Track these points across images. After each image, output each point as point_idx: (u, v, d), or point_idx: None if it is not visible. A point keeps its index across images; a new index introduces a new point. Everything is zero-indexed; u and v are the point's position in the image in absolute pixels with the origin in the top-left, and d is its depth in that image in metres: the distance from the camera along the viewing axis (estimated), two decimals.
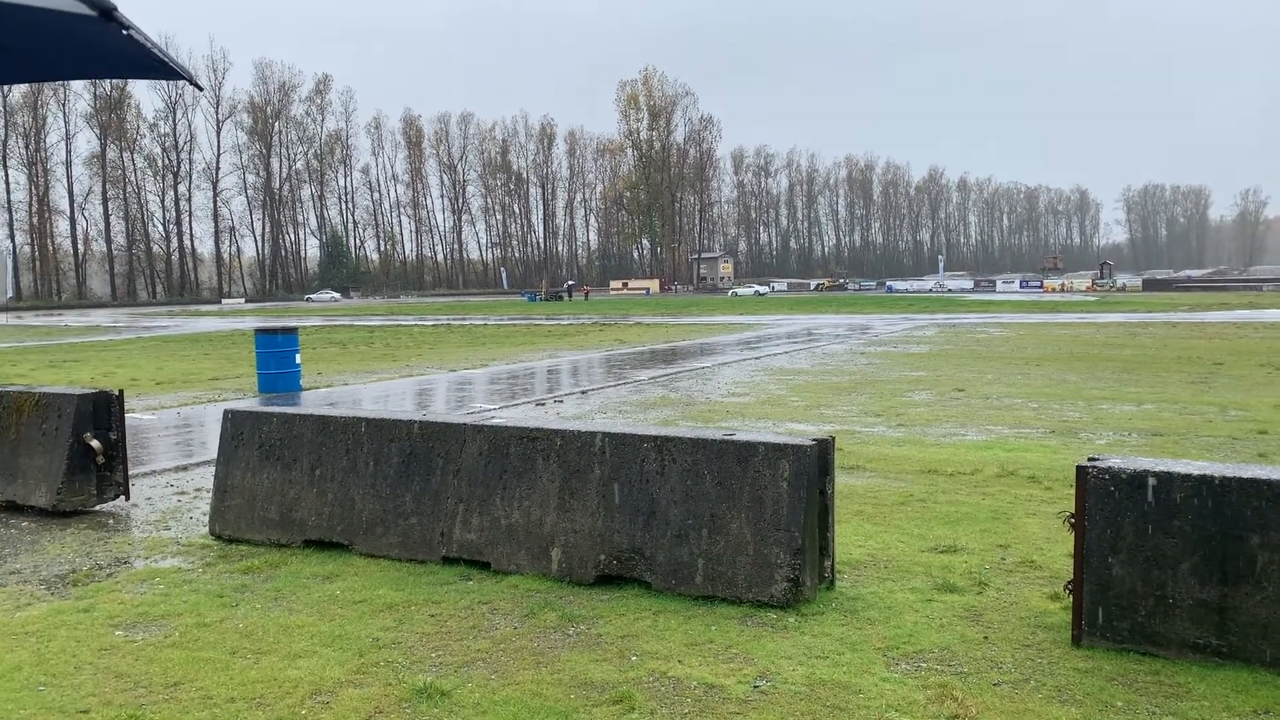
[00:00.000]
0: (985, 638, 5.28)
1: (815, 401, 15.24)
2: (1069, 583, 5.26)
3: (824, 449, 6.04)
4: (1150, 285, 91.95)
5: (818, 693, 4.61)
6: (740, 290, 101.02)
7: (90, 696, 4.76)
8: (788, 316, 47.23)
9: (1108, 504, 5.04)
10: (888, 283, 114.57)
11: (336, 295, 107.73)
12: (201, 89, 1.59)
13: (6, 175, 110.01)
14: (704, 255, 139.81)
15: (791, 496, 5.81)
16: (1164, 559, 4.92)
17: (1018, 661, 4.96)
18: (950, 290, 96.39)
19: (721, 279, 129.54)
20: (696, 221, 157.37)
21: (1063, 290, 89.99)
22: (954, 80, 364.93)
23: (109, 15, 1.57)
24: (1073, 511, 5.20)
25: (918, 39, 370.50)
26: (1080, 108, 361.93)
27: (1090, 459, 5.25)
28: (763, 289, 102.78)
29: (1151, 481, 4.95)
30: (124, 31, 1.54)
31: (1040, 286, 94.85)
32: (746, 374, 19.87)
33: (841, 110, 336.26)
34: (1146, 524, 4.95)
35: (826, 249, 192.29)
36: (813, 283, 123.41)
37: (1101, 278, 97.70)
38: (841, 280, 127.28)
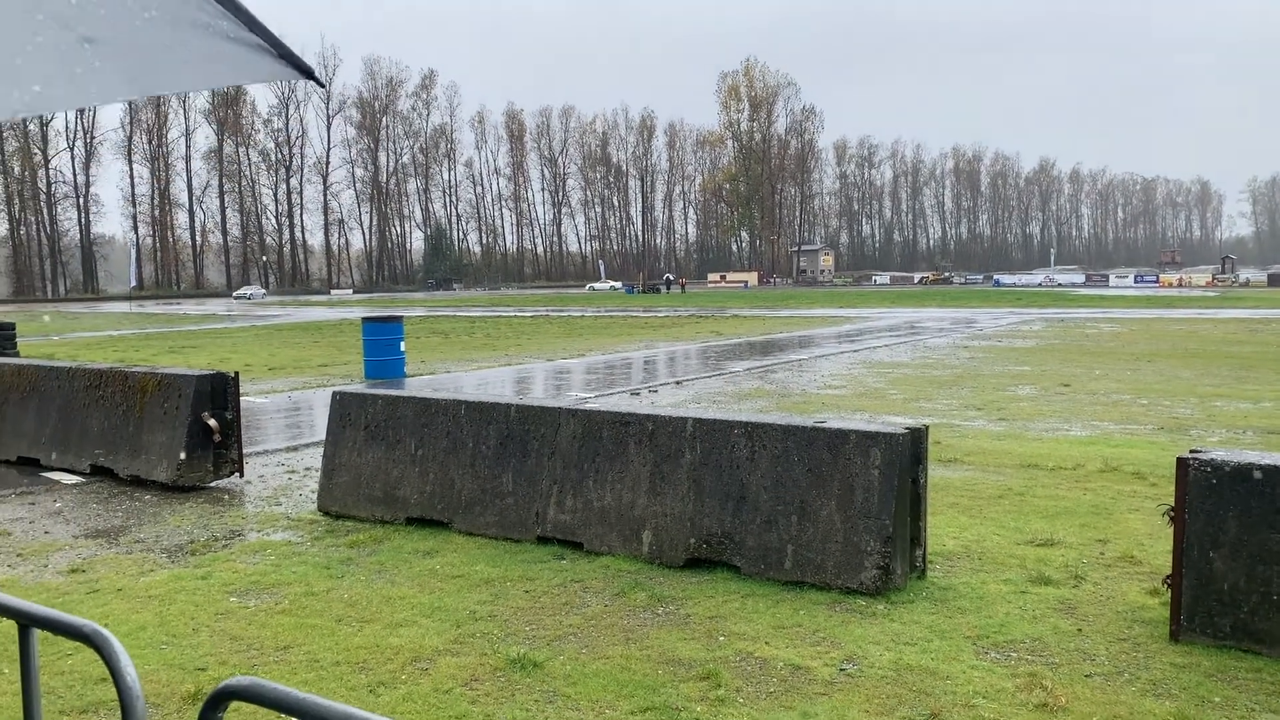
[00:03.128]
0: (1079, 630, 5.21)
1: (914, 395, 15.06)
2: (1167, 577, 5.15)
3: (917, 438, 6.02)
4: (1276, 280, 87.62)
5: (904, 677, 4.63)
6: (597, 285, 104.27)
7: (208, 656, 5.07)
8: (889, 310, 46.54)
9: (1210, 497, 4.92)
10: (995, 277, 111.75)
11: (263, 290, 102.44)
12: (323, 85, 1.75)
13: (131, 170, 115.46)
14: (804, 248, 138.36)
15: (883, 484, 5.81)
16: (1270, 554, 4.78)
17: (1111, 655, 4.89)
18: (1060, 285, 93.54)
19: (822, 271, 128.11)
20: (797, 213, 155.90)
21: (1180, 285, 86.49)
22: (1067, 68, 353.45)
23: (310, 75, 1.73)
24: (1172, 505, 5.09)
25: (1027, 26, 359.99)
26: (1203, 94, 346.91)
27: (1192, 451, 5.13)
28: (617, 284, 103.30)
29: (1257, 475, 4.82)
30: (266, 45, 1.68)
31: (1156, 281, 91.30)
32: (844, 366, 19.71)
33: (948, 100, 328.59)
34: (1251, 518, 4.82)
35: (932, 242, 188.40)
36: (916, 276, 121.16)
37: (1223, 272, 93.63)
38: (946, 274, 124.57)
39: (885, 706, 4.34)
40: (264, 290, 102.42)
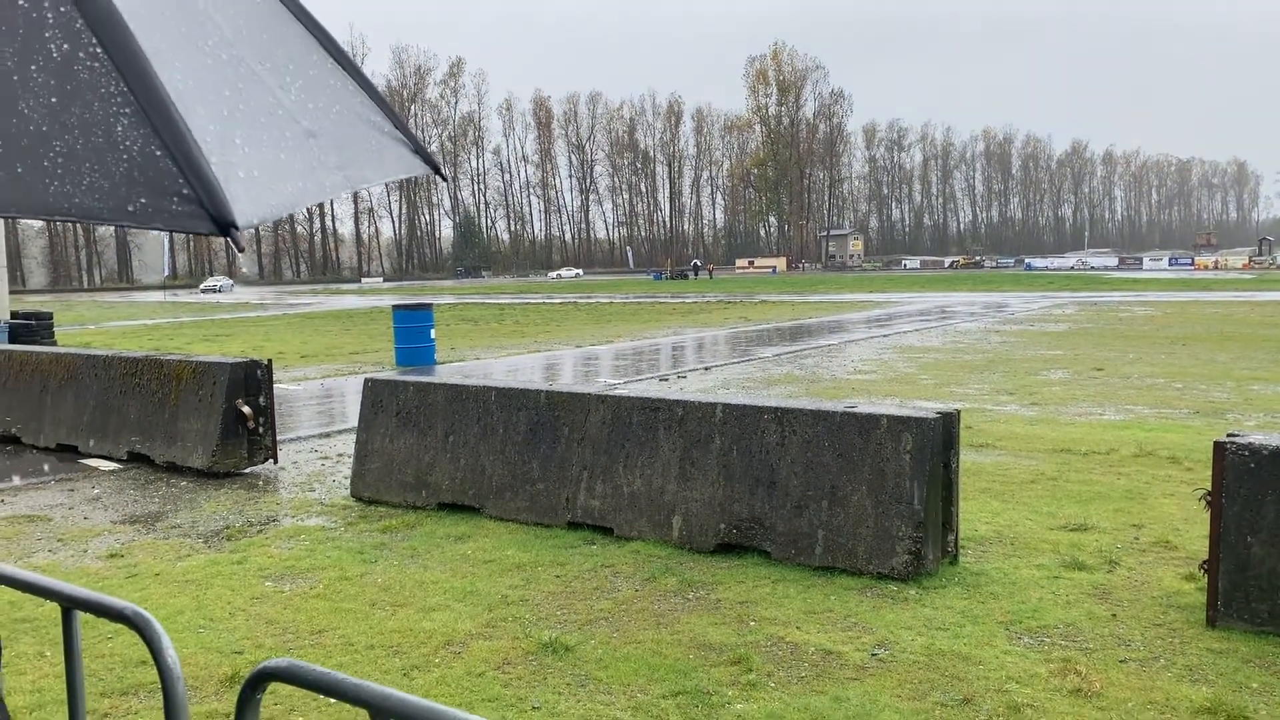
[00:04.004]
0: (1114, 615, 5.17)
1: (945, 379, 14.96)
2: (1204, 562, 5.10)
3: (948, 422, 5.98)
4: None
5: (936, 662, 4.62)
6: (564, 273, 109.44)
7: (244, 639, 5.14)
8: (920, 294, 46.20)
9: (1248, 481, 4.86)
10: (1026, 260, 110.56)
11: (231, 282, 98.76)
12: (446, 179, 1.79)
13: None
14: (833, 232, 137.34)
15: (914, 469, 5.78)
16: None
17: (1147, 640, 4.85)
18: (1093, 268, 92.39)
19: (851, 256, 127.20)
20: (825, 198, 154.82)
21: (1216, 268, 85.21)
22: (1098, 48, 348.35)
23: (438, 170, 1.79)
24: (1209, 489, 5.03)
25: (1060, 5, 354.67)
26: (1239, 73, 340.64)
27: (1229, 435, 5.06)
28: (579, 271, 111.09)
29: None
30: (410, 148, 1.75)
31: (1191, 264, 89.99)
32: (874, 351, 19.61)
33: (979, 82, 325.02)
34: None
35: (962, 225, 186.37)
36: (947, 260, 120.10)
37: (1260, 254, 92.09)
38: (978, 257, 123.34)
39: (917, 691, 4.33)
40: (232, 282, 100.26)
